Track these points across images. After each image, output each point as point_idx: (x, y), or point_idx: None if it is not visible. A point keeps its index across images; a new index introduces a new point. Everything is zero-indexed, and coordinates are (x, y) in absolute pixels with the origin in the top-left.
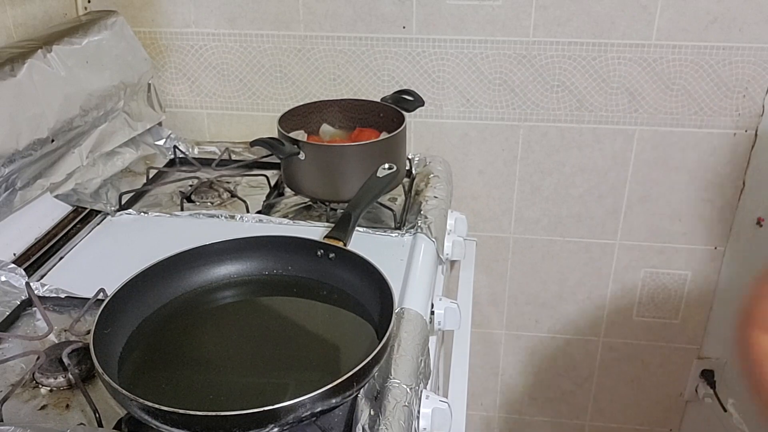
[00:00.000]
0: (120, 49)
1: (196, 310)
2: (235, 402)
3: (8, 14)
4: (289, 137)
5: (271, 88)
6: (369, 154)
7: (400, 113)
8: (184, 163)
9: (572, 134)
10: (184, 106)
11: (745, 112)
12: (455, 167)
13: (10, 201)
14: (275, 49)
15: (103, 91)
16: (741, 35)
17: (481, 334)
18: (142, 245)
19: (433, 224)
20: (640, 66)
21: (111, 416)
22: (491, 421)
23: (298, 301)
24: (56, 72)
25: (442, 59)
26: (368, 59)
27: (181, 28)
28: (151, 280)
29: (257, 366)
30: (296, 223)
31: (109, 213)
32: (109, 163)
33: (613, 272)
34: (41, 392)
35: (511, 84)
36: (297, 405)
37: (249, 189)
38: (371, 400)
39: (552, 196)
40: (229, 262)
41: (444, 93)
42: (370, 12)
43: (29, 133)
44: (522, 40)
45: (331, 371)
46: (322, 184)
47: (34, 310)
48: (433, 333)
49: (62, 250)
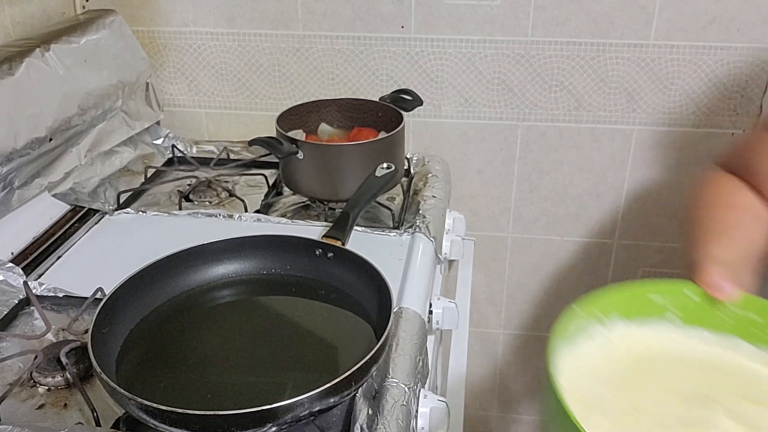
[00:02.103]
0: (118, 48)
1: (194, 309)
2: (233, 401)
3: (6, 13)
4: (287, 136)
5: (270, 87)
6: (367, 153)
7: (398, 113)
8: (182, 163)
9: (570, 134)
10: (183, 105)
11: (743, 112)
12: (453, 167)
13: (7, 200)
14: (274, 49)
15: (102, 90)
16: (739, 35)
17: (479, 334)
18: (141, 244)
19: (432, 224)
20: (639, 66)
21: (109, 415)
22: (489, 421)
23: (296, 300)
24: (54, 71)
25: (441, 59)
26: (367, 59)
27: (179, 27)
28: (149, 280)
29: (255, 365)
30: (294, 223)
31: (107, 212)
32: (107, 162)
33: (611, 272)
34: (39, 391)
35: (510, 84)
36: (295, 404)
37: (247, 188)
38: (369, 400)
39: (550, 196)
40: (227, 261)
41: (442, 92)
42: (369, 11)
43: (27, 132)
44: (520, 40)
45: (329, 370)
46: (321, 184)
47: (32, 309)
48: (431, 332)
49: (60, 249)
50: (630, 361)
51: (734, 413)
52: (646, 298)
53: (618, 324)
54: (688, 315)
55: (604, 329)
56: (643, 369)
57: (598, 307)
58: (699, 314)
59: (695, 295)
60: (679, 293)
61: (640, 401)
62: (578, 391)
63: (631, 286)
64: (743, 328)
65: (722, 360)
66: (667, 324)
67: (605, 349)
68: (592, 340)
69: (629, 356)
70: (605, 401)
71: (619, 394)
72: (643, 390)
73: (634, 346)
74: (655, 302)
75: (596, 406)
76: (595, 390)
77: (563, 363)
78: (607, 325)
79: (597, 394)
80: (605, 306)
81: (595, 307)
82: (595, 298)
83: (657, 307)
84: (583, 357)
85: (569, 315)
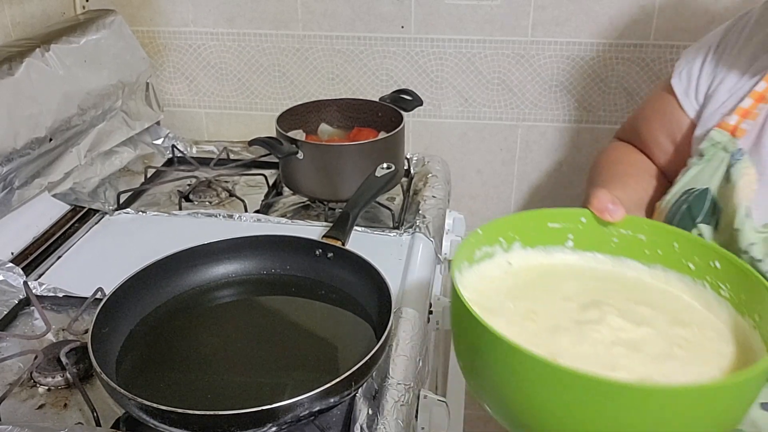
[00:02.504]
0: (118, 48)
1: (194, 309)
2: (233, 401)
3: (6, 13)
4: (287, 137)
5: (270, 87)
6: (367, 153)
7: (398, 113)
8: (182, 163)
9: (570, 134)
10: (183, 105)
11: None
12: (453, 167)
13: (7, 200)
14: (273, 49)
15: (101, 90)
16: None
17: None
18: (140, 244)
19: (432, 224)
20: (638, 66)
21: (109, 415)
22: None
23: (296, 300)
24: (54, 71)
25: (441, 59)
26: (367, 59)
27: (179, 27)
28: (149, 280)
29: (255, 365)
30: (294, 223)
31: (107, 212)
32: (107, 162)
33: None
34: (39, 391)
35: (510, 84)
36: (295, 404)
37: (247, 188)
38: (369, 400)
39: (550, 196)
40: (227, 261)
41: (442, 93)
42: (369, 11)
43: (27, 132)
44: (520, 40)
45: (329, 370)
46: (321, 184)
47: (32, 309)
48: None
49: (60, 249)
50: (529, 277)
51: (622, 311)
52: (546, 226)
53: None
54: (582, 240)
55: (506, 253)
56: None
57: (500, 233)
58: (592, 239)
59: (589, 221)
60: (575, 220)
61: (538, 308)
62: (481, 301)
63: (531, 214)
64: (632, 248)
65: (613, 273)
66: (564, 249)
67: (506, 268)
68: (494, 260)
69: (528, 273)
70: (506, 309)
71: (519, 303)
72: (542, 299)
73: (533, 265)
74: (553, 230)
75: (498, 314)
76: (497, 300)
77: (468, 279)
78: (509, 250)
79: (499, 304)
80: (507, 232)
81: (498, 233)
82: (498, 223)
83: (556, 235)
84: (486, 274)
85: (474, 237)
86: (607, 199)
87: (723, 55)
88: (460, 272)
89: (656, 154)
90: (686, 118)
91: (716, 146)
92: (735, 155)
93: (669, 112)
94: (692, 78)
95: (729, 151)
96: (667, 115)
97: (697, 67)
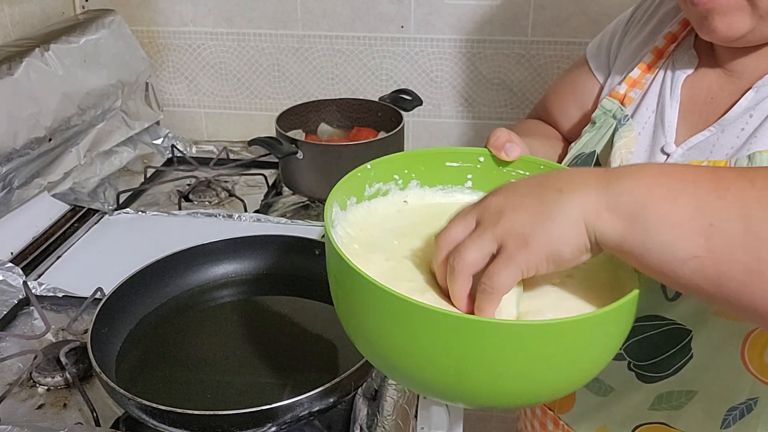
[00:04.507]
0: (118, 48)
1: (193, 309)
2: (233, 401)
3: (6, 13)
4: (287, 136)
5: (269, 87)
6: (367, 153)
7: (398, 113)
8: (181, 162)
9: None
10: (182, 105)
11: None
12: None
13: (7, 200)
14: (273, 49)
15: (101, 89)
16: None
17: None
18: (140, 244)
19: None
20: None
21: (108, 415)
22: (489, 420)
23: (295, 300)
24: (54, 71)
25: (441, 59)
26: (366, 59)
27: (178, 27)
28: (148, 279)
29: (255, 365)
30: (294, 222)
31: (106, 212)
32: (106, 162)
33: None
34: (38, 391)
35: (510, 84)
36: (295, 404)
37: (247, 188)
38: (369, 400)
39: None
40: (226, 261)
41: (442, 93)
42: (368, 11)
43: (27, 131)
44: (520, 40)
45: (329, 370)
46: (320, 184)
47: (32, 309)
48: None
49: (60, 249)
50: (423, 217)
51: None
52: (444, 165)
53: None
54: (481, 180)
55: (402, 191)
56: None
57: (395, 170)
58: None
59: (487, 161)
60: (474, 160)
61: (419, 245)
62: (365, 237)
63: (427, 151)
64: None
65: None
66: (463, 189)
67: (399, 206)
68: (389, 198)
69: (424, 212)
70: (389, 246)
71: (403, 240)
72: (426, 237)
73: (430, 204)
74: (452, 169)
75: (379, 249)
76: (381, 237)
77: (355, 215)
78: (405, 188)
79: (382, 240)
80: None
81: (392, 170)
82: (390, 160)
83: (455, 175)
84: (376, 210)
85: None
86: (504, 137)
87: (633, 22)
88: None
89: (563, 125)
90: (597, 84)
91: (606, 114)
92: (621, 121)
93: (581, 82)
94: (602, 45)
95: (617, 117)
96: (579, 84)
97: (609, 34)
